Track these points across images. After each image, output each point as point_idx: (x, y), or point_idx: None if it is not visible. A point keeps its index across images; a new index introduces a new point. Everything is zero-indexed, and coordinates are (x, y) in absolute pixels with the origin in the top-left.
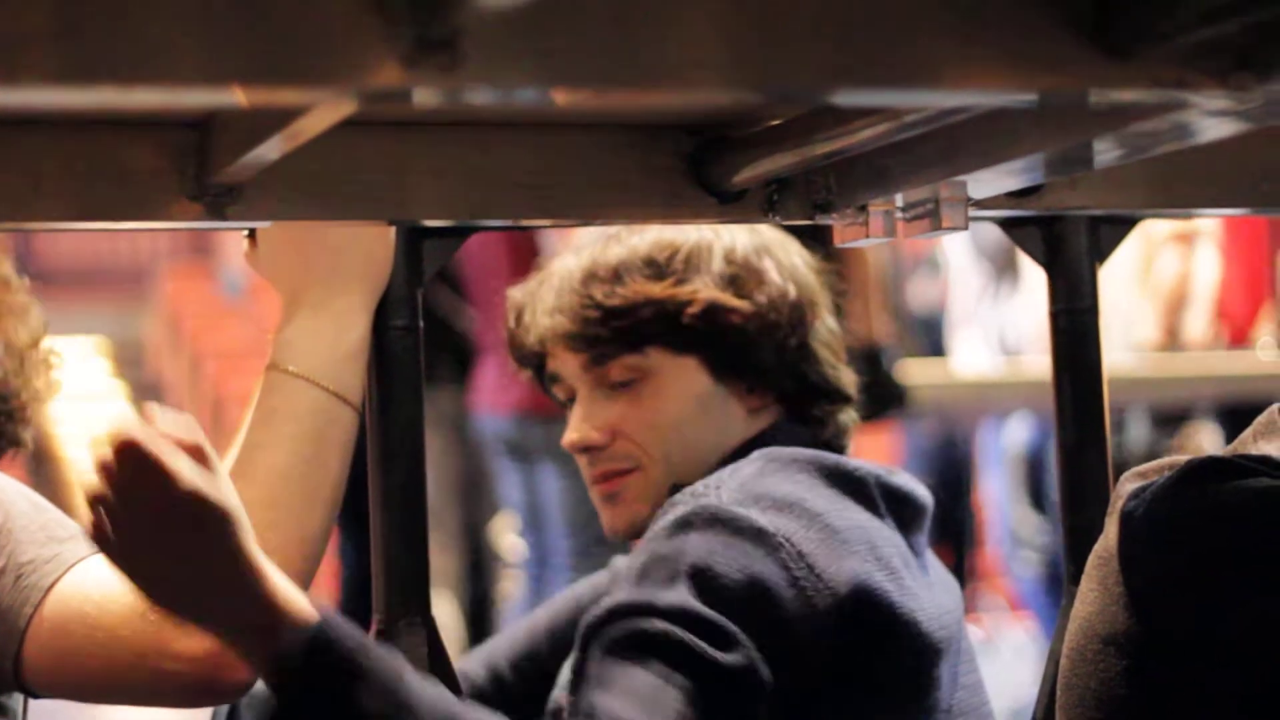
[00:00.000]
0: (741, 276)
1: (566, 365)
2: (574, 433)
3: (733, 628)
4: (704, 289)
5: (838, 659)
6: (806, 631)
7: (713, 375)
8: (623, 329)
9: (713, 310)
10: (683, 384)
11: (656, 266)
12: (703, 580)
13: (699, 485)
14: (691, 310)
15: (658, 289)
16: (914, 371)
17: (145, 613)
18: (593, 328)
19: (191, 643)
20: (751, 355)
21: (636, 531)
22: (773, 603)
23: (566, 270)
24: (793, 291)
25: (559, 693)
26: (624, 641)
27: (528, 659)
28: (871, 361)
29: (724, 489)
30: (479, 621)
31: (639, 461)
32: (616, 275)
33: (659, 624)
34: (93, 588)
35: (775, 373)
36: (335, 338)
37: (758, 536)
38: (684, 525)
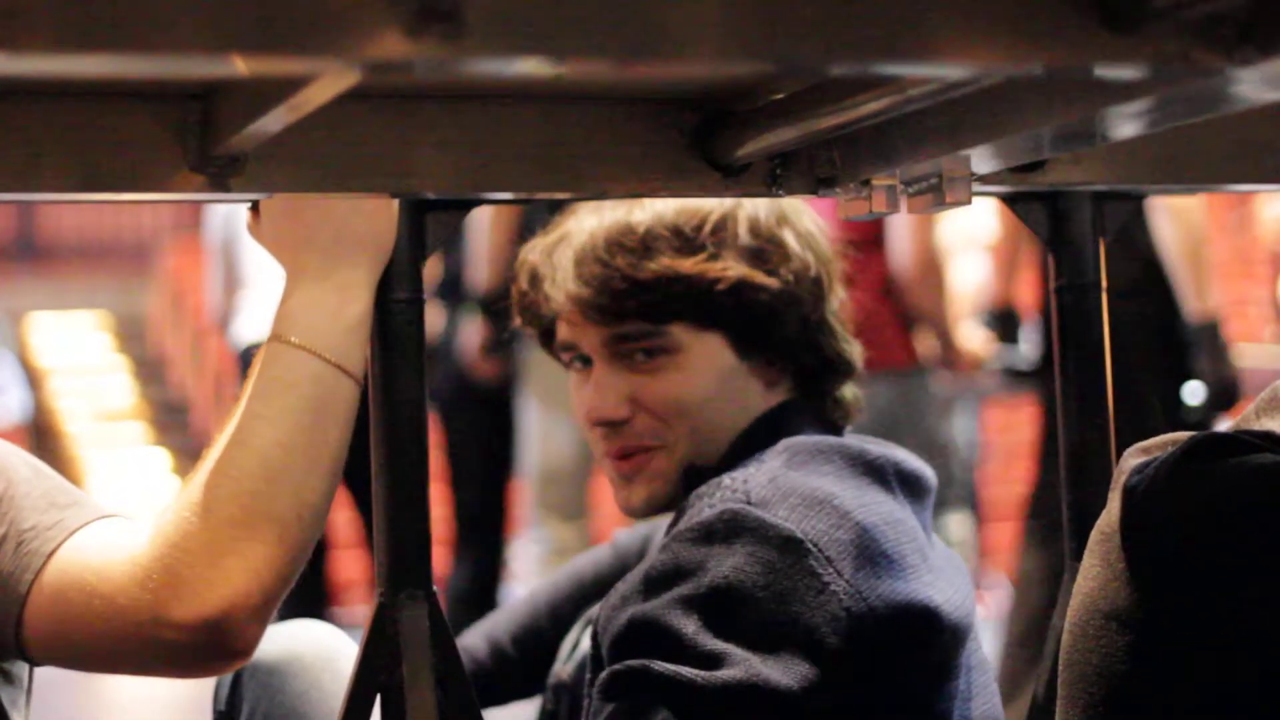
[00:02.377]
0: (767, 251)
1: (585, 335)
2: (593, 406)
3: (736, 651)
4: (734, 265)
5: (868, 659)
6: (836, 636)
7: (737, 351)
8: (649, 303)
9: (741, 287)
10: (706, 360)
11: (685, 239)
12: (722, 599)
13: (725, 478)
14: (721, 287)
15: (688, 264)
16: None
17: (145, 580)
18: (618, 301)
19: (190, 611)
20: (776, 331)
21: (652, 510)
22: (799, 615)
23: (588, 235)
24: (812, 263)
25: (559, 667)
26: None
27: (529, 634)
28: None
29: (751, 484)
30: None
31: (663, 439)
32: (644, 246)
33: (655, 670)
34: (93, 554)
35: (797, 348)
36: (337, 309)
37: (785, 545)
38: (711, 535)
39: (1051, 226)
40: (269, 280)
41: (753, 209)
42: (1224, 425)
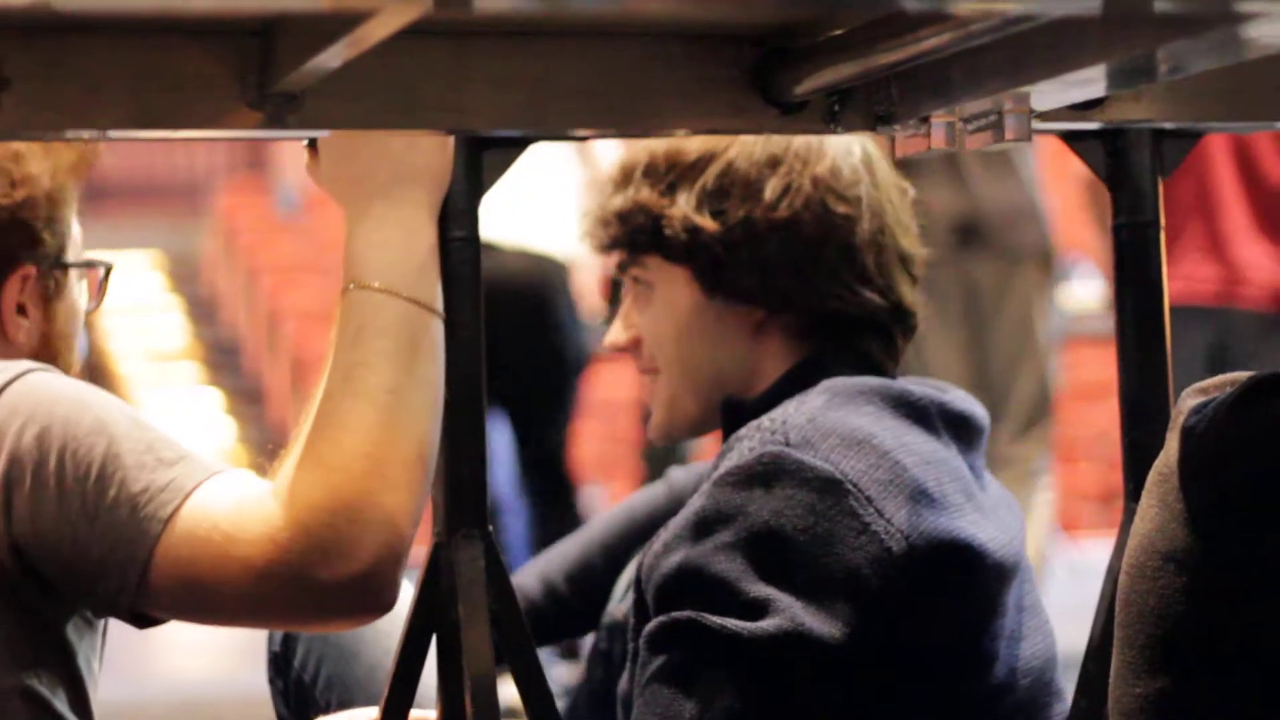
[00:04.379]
0: (727, 191)
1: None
2: (609, 334)
3: (780, 596)
4: (683, 203)
5: (911, 598)
6: (878, 576)
7: (702, 289)
8: (620, 234)
9: (686, 226)
10: (675, 294)
11: (655, 173)
12: (764, 543)
13: (764, 420)
14: (670, 224)
15: (646, 198)
16: None
17: (286, 545)
18: (603, 229)
19: (337, 571)
20: (733, 273)
21: (669, 437)
22: (840, 557)
23: (604, 171)
24: (792, 209)
25: (614, 605)
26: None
27: (582, 573)
28: None
29: (791, 425)
30: None
31: (656, 367)
32: (624, 178)
33: (702, 622)
34: (220, 517)
35: (766, 292)
36: (406, 247)
37: (825, 486)
38: (750, 478)
39: (1110, 164)
40: None
41: (747, 149)
42: None
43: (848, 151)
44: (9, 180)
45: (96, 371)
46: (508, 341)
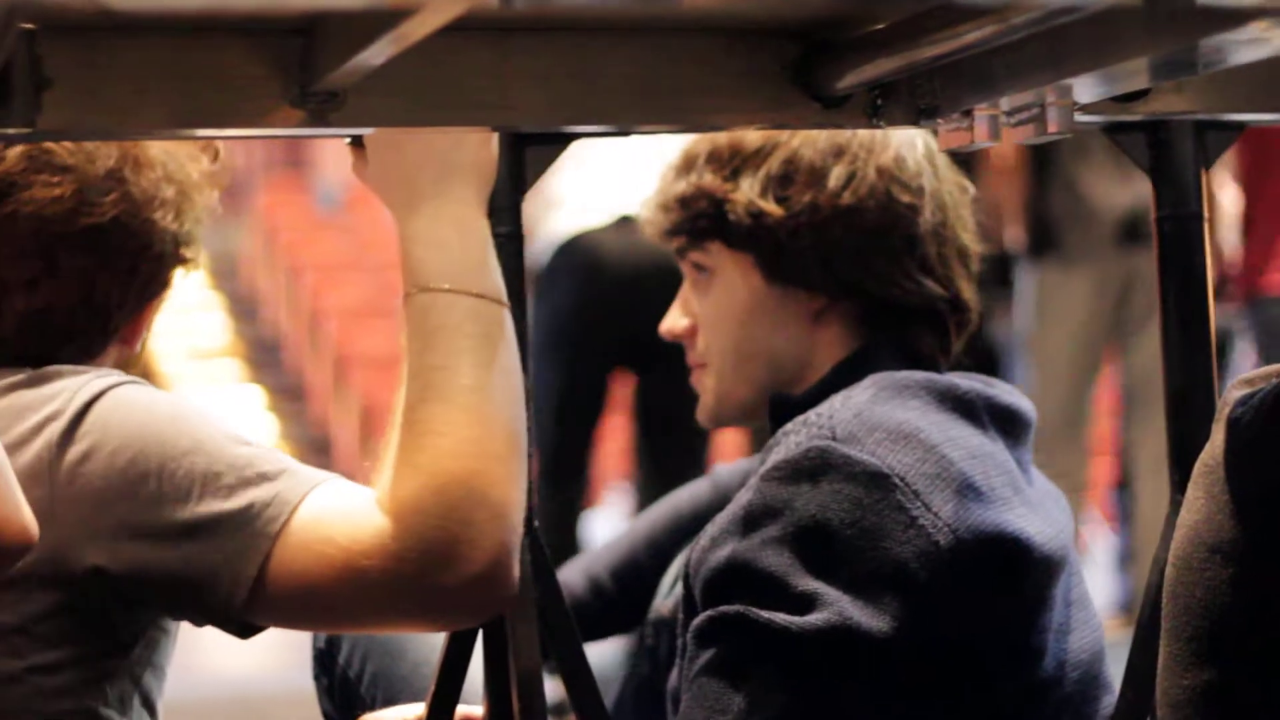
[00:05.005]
0: (792, 178)
1: (674, 253)
2: (666, 319)
3: (828, 590)
4: (746, 189)
5: (958, 592)
6: (925, 570)
7: (765, 275)
8: (684, 219)
9: (750, 211)
10: (736, 280)
11: (718, 159)
12: (812, 538)
13: (811, 414)
14: (734, 209)
15: (710, 183)
16: None
17: (403, 555)
18: (665, 215)
19: (460, 574)
20: (794, 259)
21: (717, 422)
22: (887, 551)
23: (669, 160)
24: (856, 197)
25: (659, 602)
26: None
27: (628, 569)
28: None
29: (837, 419)
30: None
31: (706, 357)
32: (686, 165)
33: (750, 616)
34: (335, 529)
35: (829, 279)
36: (463, 244)
37: (872, 480)
38: (797, 473)
39: (1153, 156)
40: None
41: (811, 138)
42: None
43: (911, 144)
44: (177, 211)
45: (140, 371)
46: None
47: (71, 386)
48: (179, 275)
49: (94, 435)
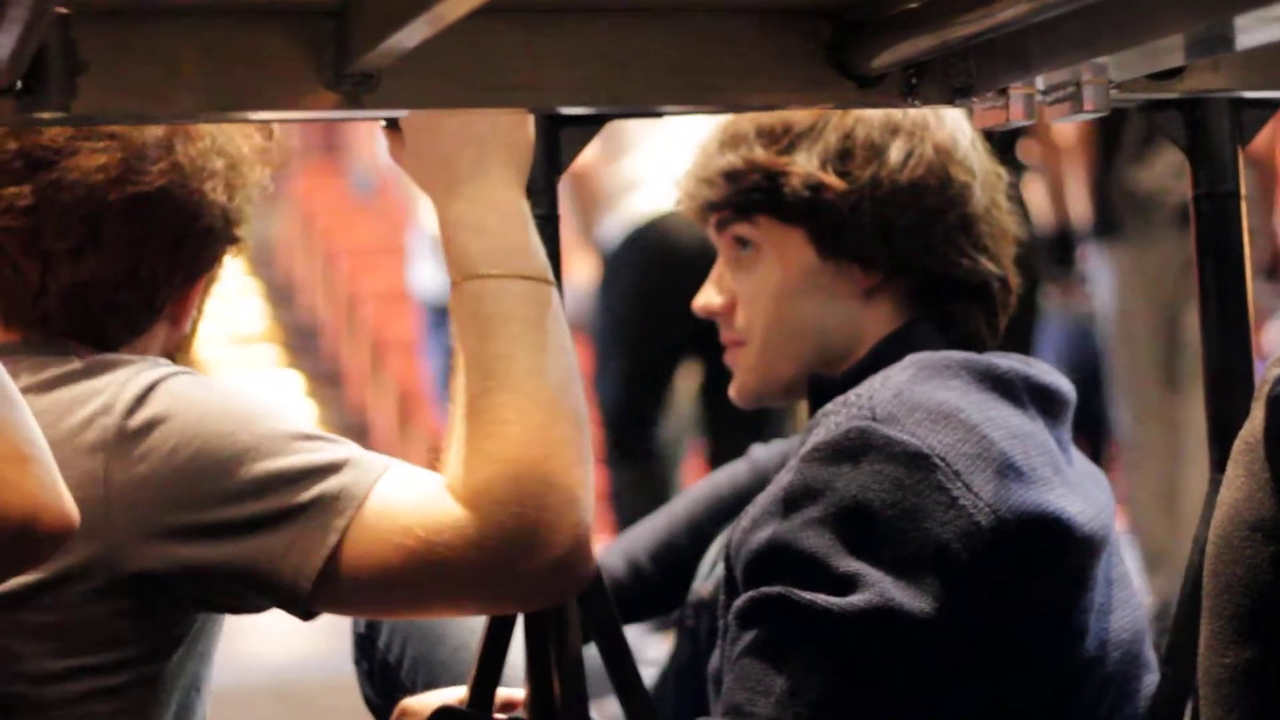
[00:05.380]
0: (851, 153)
1: (710, 229)
2: (700, 296)
3: (869, 571)
4: (804, 162)
5: (1000, 572)
6: (966, 551)
7: (817, 250)
8: (732, 194)
9: (808, 184)
10: (787, 255)
11: (770, 134)
12: (853, 518)
13: (851, 394)
14: (790, 182)
15: (762, 157)
16: None
17: (482, 543)
18: (712, 192)
19: (541, 558)
20: (854, 233)
21: (756, 401)
22: (929, 531)
23: (710, 134)
24: (916, 173)
25: (699, 584)
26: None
27: (667, 551)
28: None
29: (877, 400)
30: None
31: (747, 335)
32: (733, 139)
33: (792, 597)
34: (410, 518)
35: (886, 255)
36: (505, 227)
37: (913, 461)
38: (838, 454)
39: (1189, 134)
40: None
41: (866, 115)
42: None
43: (960, 126)
44: (232, 185)
45: (185, 358)
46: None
47: (120, 379)
48: (228, 255)
49: (150, 434)
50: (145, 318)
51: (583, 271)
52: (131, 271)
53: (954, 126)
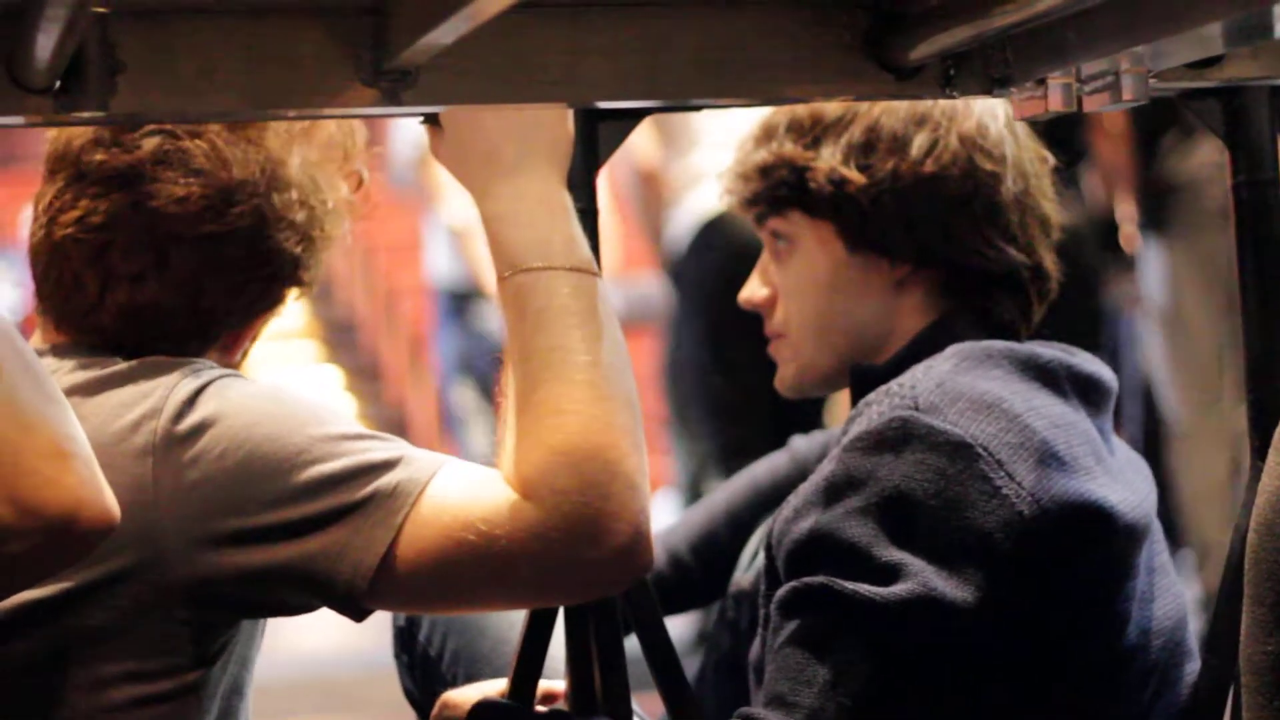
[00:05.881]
0: (874, 146)
1: (752, 223)
2: (745, 289)
3: (912, 561)
4: (828, 156)
5: (1043, 562)
6: (1009, 540)
7: (845, 244)
8: (764, 188)
9: (831, 179)
10: (817, 249)
11: (799, 128)
12: (895, 508)
13: (893, 384)
14: (815, 177)
15: (790, 151)
16: None
17: (545, 535)
18: (745, 187)
19: (605, 548)
20: (877, 227)
21: (799, 392)
22: (971, 521)
23: (750, 129)
24: (939, 165)
25: (740, 575)
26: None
27: (707, 543)
28: None
29: (920, 389)
30: None
31: (785, 328)
32: (766, 135)
33: (835, 587)
34: (471, 513)
35: (911, 246)
36: (550, 220)
37: (956, 450)
38: (880, 443)
39: (1228, 122)
40: None
41: (893, 107)
42: None
43: (992, 112)
44: (309, 237)
45: None
46: None
47: (168, 382)
48: (291, 295)
49: (199, 437)
50: (195, 346)
51: (650, 268)
52: (191, 304)
53: (983, 113)
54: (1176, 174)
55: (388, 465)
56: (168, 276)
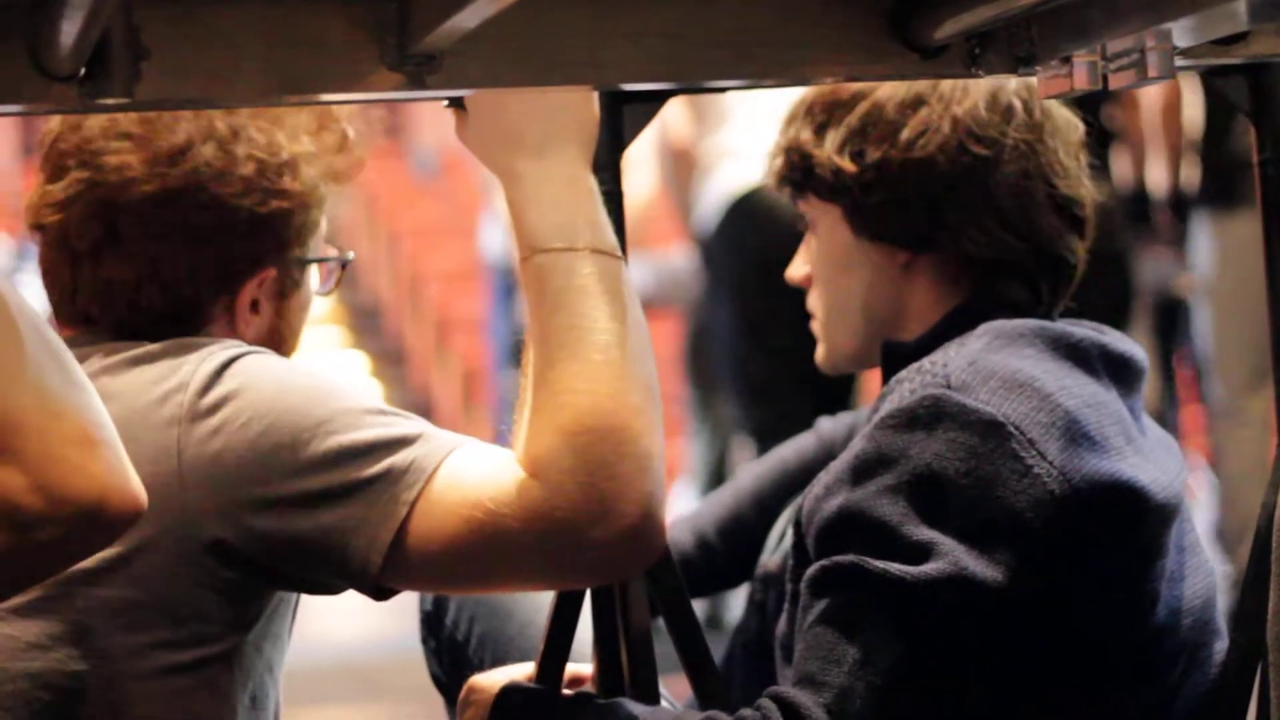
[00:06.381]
0: (867, 133)
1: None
2: (790, 266)
3: (943, 539)
4: (828, 145)
5: (1073, 541)
6: (1040, 519)
7: (852, 229)
8: (785, 172)
9: (830, 168)
10: (830, 232)
11: (812, 115)
12: (926, 487)
13: (925, 362)
14: (818, 164)
15: (801, 137)
16: None
17: (550, 514)
18: (775, 168)
19: (612, 528)
20: (874, 214)
21: (834, 369)
22: (1002, 500)
23: (785, 108)
24: (926, 151)
25: (767, 557)
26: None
27: (734, 525)
28: None
29: (951, 367)
30: None
31: (815, 307)
32: (791, 118)
33: (866, 566)
34: (481, 492)
35: (905, 233)
36: (574, 202)
37: (987, 429)
38: (912, 421)
39: (1254, 99)
40: None
41: (897, 90)
42: None
43: (994, 92)
44: (265, 191)
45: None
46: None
47: (197, 358)
48: (292, 265)
49: (223, 408)
50: (188, 328)
51: (680, 245)
52: (151, 271)
53: (980, 95)
54: (1223, 155)
55: (405, 441)
56: (122, 251)
